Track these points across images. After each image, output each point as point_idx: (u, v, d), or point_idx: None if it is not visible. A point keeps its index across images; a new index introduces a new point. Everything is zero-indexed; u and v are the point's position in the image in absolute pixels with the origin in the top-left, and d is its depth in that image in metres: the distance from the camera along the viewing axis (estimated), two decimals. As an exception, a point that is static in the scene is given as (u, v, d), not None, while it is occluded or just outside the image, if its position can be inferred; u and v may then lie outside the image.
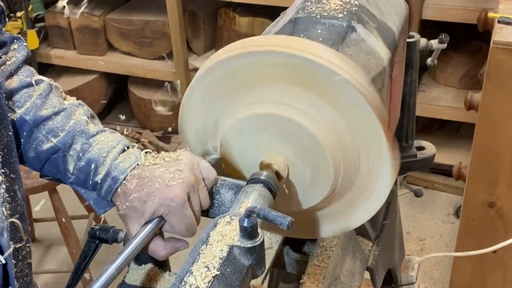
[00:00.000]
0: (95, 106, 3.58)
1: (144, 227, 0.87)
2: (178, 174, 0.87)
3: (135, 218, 0.88)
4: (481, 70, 2.76)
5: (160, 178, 0.87)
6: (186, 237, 0.89)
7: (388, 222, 1.43)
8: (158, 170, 0.88)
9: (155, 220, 0.87)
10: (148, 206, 0.86)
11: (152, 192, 0.86)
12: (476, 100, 1.90)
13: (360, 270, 1.24)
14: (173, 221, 0.87)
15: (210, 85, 0.95)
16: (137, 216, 0.87)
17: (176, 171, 0.87)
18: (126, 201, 0.88)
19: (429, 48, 1.37)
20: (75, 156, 0.91)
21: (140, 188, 0.87)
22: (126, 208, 0.88)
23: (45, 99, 0.93)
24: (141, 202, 0.86)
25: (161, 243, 0.90)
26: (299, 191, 0.97)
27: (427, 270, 2.61)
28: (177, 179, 0.86)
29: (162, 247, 0.90)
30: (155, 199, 0.86)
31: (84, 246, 0.96)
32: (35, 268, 2.73)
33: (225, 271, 0.74)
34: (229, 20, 3.20)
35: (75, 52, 3.56)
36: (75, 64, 3.57)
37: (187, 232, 0.88)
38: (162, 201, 0.85)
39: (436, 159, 1.47)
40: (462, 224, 2.01)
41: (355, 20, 0.98)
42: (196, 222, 0.89)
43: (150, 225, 0.87)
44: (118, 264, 0.82)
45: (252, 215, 0.76)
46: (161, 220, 0.88)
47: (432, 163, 1.45)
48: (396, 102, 1.22)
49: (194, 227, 0.89)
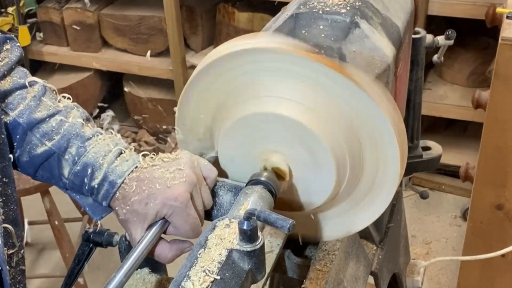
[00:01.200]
0: (89, 105, 3.58)
1: (148, 231, 0.87)
2: (179, 173, 0.87)
3: (137, 222, 0.87)
4: (489, 68, 2.76)
5: (160, 179, 0.86)
6: (191, 238, 0.89)
7: (393, 225, 1.43)
8: (158, 171, 0.88)
9: (159, 223, 0.87)
10: (150, 208, 0.86)
11: (153, 194, 0.86)
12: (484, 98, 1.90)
13: (364, 274, 1.24)
14: (177, 222, 0.87)
15: (208, 83, 0.95)
16: (139, 220, 0.87)
17: (177, 170, 0.87)
18: (126, 205, 0.87)
19: (436, 44, 1.37)
20: (71, 160, 0.91)
21: (140, 191, 0.87)
22: (127, 212, 0.88)
23: (39, 101, 0.93)
24: (142, 205, 0.86)
25: (167, 245, 0.90)
26: (301, 192, 0.97)
27: (433, 274, 2.61)
28: (179, 178, 0.86)
29: (168, 249, 0.90)
30: (157, 200, 0.85)
31: (78, 249, 0.96)
32: (27, 272, 2.72)
33: (224, 275, 0.74)
34: (228, 16, 3.20)
35: (68, 48, 3.56)
36: (68, 61, 3.57)
37: (192, 233, 0.88)
38: (165, 202, 0.85)
39: (442, 159, 1.47)
40: (469, 227, 2.01)
41: (358, 15, 0.98)
42: (200, 222, 0.89)
43: (154, 228, 0.87)
44: (126, 270, 0.82)
45: (252, 217, 0.76)
46: (165, 222, 0.88)
47: (438, 164, 1.46)
48: (401, 101, 1.22)
49: (199, 227, 0.88)
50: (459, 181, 2.21)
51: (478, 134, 1.88)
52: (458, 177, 2.15)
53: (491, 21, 2.04)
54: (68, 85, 3.49)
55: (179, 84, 3.26)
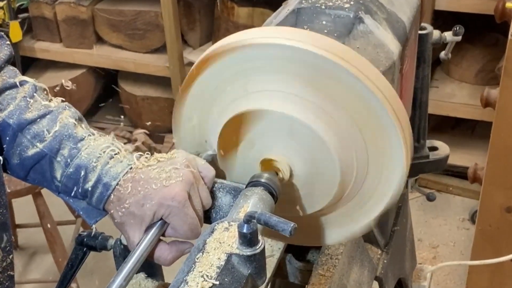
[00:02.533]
0: (83, 103, 3.58)
1: (146, 233, 0.87)
2: (175, 172, 0.87)
3: (134, 225, 0.87)
4: (499, 65, 2.76)
5: (156, 179, 0.87)
6: (190, 239, 0.89)
7: (398, 228, 1.43)
8: (153, 171, 0.88)
9: (158, 224, 0.87)
10: (147, 209, 0.86)
11: (150, 194, 0.86)
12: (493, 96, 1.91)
13: (368, 279, 1.24)
14: (175, 223, 0.87)
15: (207, 80, 0.95)
16: (136, 222, 0.87)
17: (173, 169, 0.87)
18: (121, 207, 0.87)
19: (443, 40, 1.37)
20: (63, 163, 0.90)
21: (135, 192, 0.87)
22: (123, 214, 0.88)
23: (29, 101, 0.93)
24: (138, 206, 0.86)
25: (166, 247, 0.90)
26: (303, 194, 0.97)
27: (440, 280, 2.61)
28: (175, 177, 0.86)
29: (168, 251, 0.90)
30: (154, 201, 0.85)
31: (71, 254, 0.96)
32: (18, 277, 2.73)
33: (223, 281, 0.74)
34: (227, 11, 3.21)
35: (61, 45, 3.56)
36: (61, 58, 3.57)
37: (191, 234, 0.88)
38: (162, 202, 0.85)
39: (450, 160, 1.47)
40: (478, 230, 2.01)
41: (362, 10, 0.98)
42: (199, 223, 0.89)
43: (153, 229, 0.87)
44: (125, 274, 0.82)
45: (252, 220, 0.76)
46: (164, 223, 0.88)
47: (445, 165, 1.46)
48: (407, 99, 1.22)
49: (198, 228, 0.88)
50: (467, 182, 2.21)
51: (487, 133, 1.88)
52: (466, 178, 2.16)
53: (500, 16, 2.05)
54: (60, 83, 3.49)
55: (176, 81, 3.26)
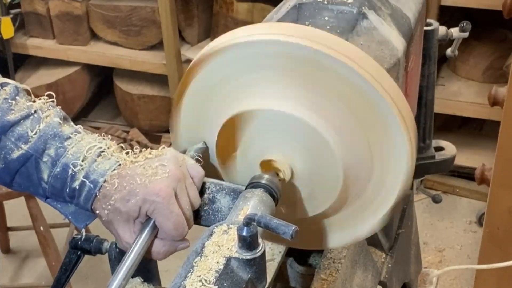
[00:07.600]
0: (77, 102, 3.58)
1: (140, 234, 0.87)
2: (161, 169, 0.88)
3: (121, 221, 0.88)
4: (507, 62, 2.76)
5: (142, 175, 0.87)
6: (175, 239, 0.89)
7: (403, 231, 1.43)
8: (140, 168, 0.89)
9: (151, 223, 0.87)
10: (132, 204, 0.86)
11: (135, 190, 0.86)
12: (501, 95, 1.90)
13: (372, 284, 1.24)
14: (159, 219, 0.87)
15: (205, 78, 0.95)
16: (123, 219, 0.88)
17: (160, 166, 0.88)
18: (107, 204, 0.88)
19: (449, 37, 1.37)
20: (49, 163, 0.90)
21: (121, 188, 0.87)
22: (109, 212, 0.88)
23: (11, 102, 0.92)
24: (124, 202, 0.87)
25: (159, 241, 0.90)
26: (304, 196, 0.97)
27: (446, 284, 2.61)
28: (161, 174, 0.87)
29: (161, 244, 0.90)
30: (138, 196, 0.86)
31: (65, 257, 0.96)
32: (10, 282, 2.73)
33: (222, 285, 0.74)
34: (226, 6, 3.21)
35: (55, 41, 3.56)
36: (54, 55, 3.57)
37: (175, 232, 0.88)
38: (146, 197, 0.86)
39: (456, 161, 1.47)
40: (485, 233, 2.01)
41: (366, 6, 0.98)
42: (187, 223, 0.89)
43: (147, 229, 0.87)
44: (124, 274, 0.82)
45: (252, 223, 0.76)
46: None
47: (452, 166, 1.45)
48: (412, 97, 1.22)
49: (184, 226, 0.88)
50: (475, 184, 2.21)
51: (495, 133, 1.88)
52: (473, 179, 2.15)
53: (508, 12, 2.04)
54: (54, 81, 3.48)
55: (173, 79, 3.26)
